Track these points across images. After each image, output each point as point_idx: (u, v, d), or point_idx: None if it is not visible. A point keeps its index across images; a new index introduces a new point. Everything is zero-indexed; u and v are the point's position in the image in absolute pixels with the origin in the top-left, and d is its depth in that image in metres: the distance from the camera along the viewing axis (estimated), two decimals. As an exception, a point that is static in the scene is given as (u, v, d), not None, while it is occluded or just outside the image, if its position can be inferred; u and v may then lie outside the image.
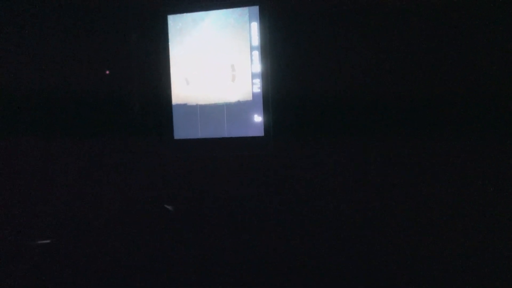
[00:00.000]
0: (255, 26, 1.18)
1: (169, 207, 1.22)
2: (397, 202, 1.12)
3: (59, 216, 1.29)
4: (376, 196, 1.13)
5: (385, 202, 1.13)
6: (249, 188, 1.21)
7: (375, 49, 1.13)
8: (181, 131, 1.25)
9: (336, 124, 1.16)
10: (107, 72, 1.31)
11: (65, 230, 1.28)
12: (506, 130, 1.05)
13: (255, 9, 1.18)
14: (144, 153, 1.28)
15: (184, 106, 1.24)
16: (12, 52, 1.30)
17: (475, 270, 1.05)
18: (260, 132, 1.20)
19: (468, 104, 1.08)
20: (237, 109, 1.21)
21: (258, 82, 1.19)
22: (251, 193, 1.21)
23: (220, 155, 1.23)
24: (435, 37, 1.10)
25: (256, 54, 1.19)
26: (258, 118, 1.20)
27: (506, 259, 1.03)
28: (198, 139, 1.24)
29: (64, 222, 1.28)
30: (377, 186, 1.13)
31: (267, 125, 1.19)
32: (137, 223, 1.25)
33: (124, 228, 1.25)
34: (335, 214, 1.16)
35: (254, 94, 1.20)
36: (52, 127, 1.30)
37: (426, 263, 1.08)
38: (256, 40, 1.18)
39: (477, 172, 1.08)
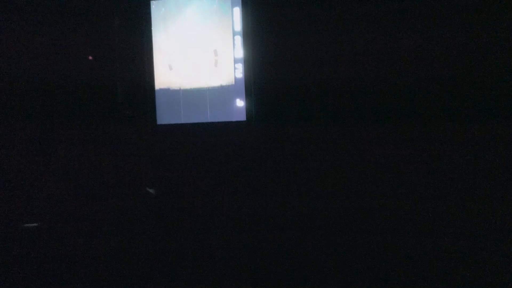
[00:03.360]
0: (237, 11, 1.19)
1: (151, 190, 1.22)
2: (379, 185, 1.13)
3: (41, 202, 1.28)
4: (360, 179, 1.14)
5: (368, 184, 1.14)
6: (232, 172, 1.21)
7: (358, 35, 1.15)
8: (164, 116, 1.25)
9: (318, 109, 1.17)
10: (90, 57, 1.31)
11: (47, 215, 1.27)
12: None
13: (238, -6, 1.19)
14: (127, 138, 1.28)
15: (167, 91, 1.25)
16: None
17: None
18: (242, 117, 1.20)
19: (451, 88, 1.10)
20: (220, 94, 1.21)
21: (240, 67, 1.20)
22: (234, 177, 1.21)
23: (202, 140, 1.24)
24: (424, 25, 1.11)
25: (239, 39, 1.19)
26: (240, 103, 1.20)
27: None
28: (181, 124, 1.24)
29: (46, 207, 1.28)
30: (361, 170, 1.14)
31: (249, 110, 1.20)
32: (120, 207, 1.25)
33: (106, 212, 1.25)
34: (319, 197, 1.17)
35: (236, 79, 1.20)
36: (34, 113, 1.29)
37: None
38: (238, 25, 1.19)
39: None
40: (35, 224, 1.26)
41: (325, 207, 1.14)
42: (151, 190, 1.22)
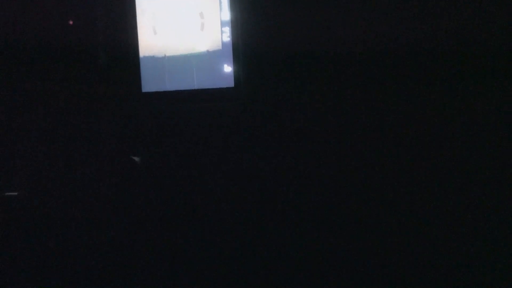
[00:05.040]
0: (224, -29, 1.13)
1: (135, 158, 1.19)
2: (373, 157, 1.11)
3: (28, 173, 1.25)
4: (354, 149, 1.12)
5: (361, 154, 1.11)
6: (220, 141, 1.18)
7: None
8: (149, 83, 1.20)
9: (308, 74, 1.13)
10: (71, 22, 1.25)
11: (34, 187, 1.25)
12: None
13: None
14: (111, 107, 1.23)
15: (151, 58, 1.19)
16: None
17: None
18: (230, 83, 1.16)
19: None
20: (206, 59, 1.16)
21: (227, 31, 1.15)
22: (222, 146, 1.18)
23: (189, 107, 1.20)
24: None
25: (226, 1, 1.14)
26: (228, 68, 1.16)
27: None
28: (166, 91, 1.20)
29: (33, 178, 1.25)
30: (354, 139, 1.11)
31: (237, 76, 1.15)
32: (107, 177, 1.22)
33: (93, 182, 1.22)
34: (310, 167, 1.14)
35: (223, 43, 1.15)
36: (16, 79, 1.24)
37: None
38: (225, -15, 1.13)
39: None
40: (15, 193, 1.23)
41: (316, 175, 1.12)
42: (135, 158, 1.19)
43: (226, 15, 1.14)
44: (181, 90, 1.19)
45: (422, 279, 1.08)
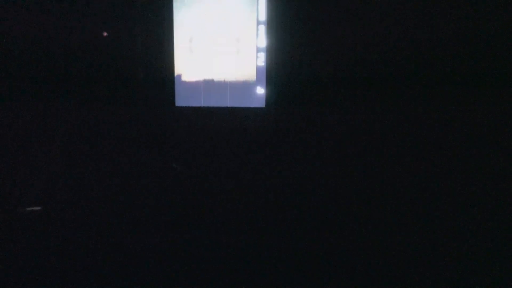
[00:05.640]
0: (262, 1, 1.22)
1: (176, 166, 1.26)
2: (403, 176, 1.23)
3: (51, 183, 1.27)
4: (380, 170, 1.23)
5: (390, 175, 1.23)
6: (249, 159, 1.28)
7: (384, 23, 1.20)
8: (183, 99, 1.28)
9: (339, 98, 1.24)
10: (105, 34, 1.28)
11: (57, 197, 1.27)
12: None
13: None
14: (145, 120, 1.29)
15: (186, 74, 1.27)
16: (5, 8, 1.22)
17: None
18: (262, 103, 1.26)
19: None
20: (241, 81, 1.26)
21: (262, 56, 1.25)
22: (251, 164, 1.27)
23: (220, 123, 1.28)
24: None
25: (262, 29, 1.23)
26: (260, 90, 1.26)
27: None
28: (200, 107, 1.28)
29: (57, 190, 1.27)
30: (380, 160, 1.23)
31: (269, 97, 1.26)
32: (136, 190, 1.27)
33: (121, 195, 1.27)
34: (338, 188, 1.25)
35: (258, 67, 1.25)
36: (49, 91, 1.26)
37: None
38: (263, 15, 1.23)
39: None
40: (37, 208, 1.25)
41: (344, 195, 1.23)
42: (177, 166, 1.26)
43: (262, 42, 1.24)
44: (213, 107, 1.27)
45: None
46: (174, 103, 1.28)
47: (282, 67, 1.25)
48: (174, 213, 1.27)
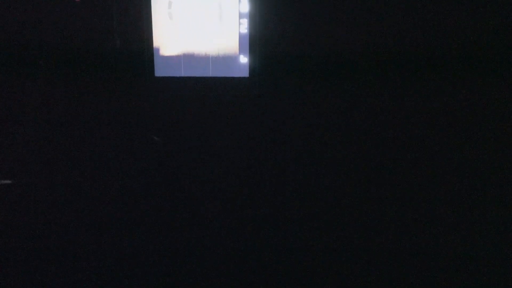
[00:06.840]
0: (244, -36, 1.16)
1: (156, 138, 1.21)
2: (388, 151, 1.20)
3: (35, 158, 1.22)
4: (369, 142, 1.20)
5: (376, 150, 1.20)
6: (232, 130, 1.24)
7: None
8: (163, 68, 1.22)
9: (325, 70, 1.20)
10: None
11: (39, 174, 1.22)
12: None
13: None
14: (124, 91, 1.23)
15: (166, 43, 1.21)
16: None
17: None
18: (245, 73, 1.21)
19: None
20: (223, 49, 1.20)
21: (245, 22, 1.19)
22: (234, 135, 1.23)
23: (202, 94, 1.23)
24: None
25: (245, -7, 1.18)
26: (243, 59, 1.21)
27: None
28: (180, 77, 1.22)
29: (39, 165, 1.22)
30: (369, 133, 1.20)
31: (252, 66, 1.21)
32: (117, 160, 1.23)
33: (100, 170, 1.22)
34: (324, 160, 1.22)
35: (240, 35, 1.20)
36: (23, 65, 1.19)
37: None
38: (245, -22, 1.17)
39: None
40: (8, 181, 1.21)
41: (328, 169, 1.21)
42: (158, 138, 1.21)
43: (245, 7, 1.18)
44: (194, 77, 1.22)
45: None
46: (153, 73, 1.22)
47: (266, 34, 1.19)
48: (154, 185, 1.23)
